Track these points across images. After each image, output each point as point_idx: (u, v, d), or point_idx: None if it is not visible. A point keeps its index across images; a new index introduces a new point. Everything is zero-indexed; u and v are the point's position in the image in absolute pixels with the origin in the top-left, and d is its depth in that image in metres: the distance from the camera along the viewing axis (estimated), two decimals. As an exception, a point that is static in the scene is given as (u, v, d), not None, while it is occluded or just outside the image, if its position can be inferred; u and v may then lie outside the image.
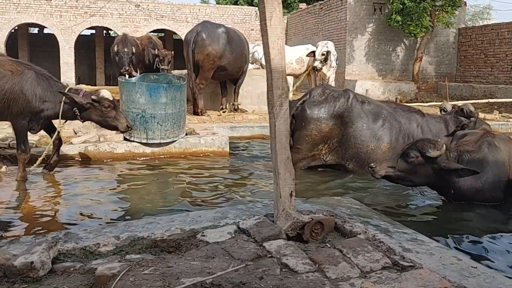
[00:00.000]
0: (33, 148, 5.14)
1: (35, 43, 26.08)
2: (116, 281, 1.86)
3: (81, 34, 22.34)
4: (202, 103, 9.34)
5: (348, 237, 2.53)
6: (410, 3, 16.03)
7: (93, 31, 26.33)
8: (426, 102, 13.62)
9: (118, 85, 6.30)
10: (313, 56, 12.18)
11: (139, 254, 2.25)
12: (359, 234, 2.51)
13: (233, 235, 2.45)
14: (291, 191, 2.57)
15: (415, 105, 7.18)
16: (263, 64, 11.12)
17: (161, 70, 10.92)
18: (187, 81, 7.58)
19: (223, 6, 26.30)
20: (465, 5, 19.28)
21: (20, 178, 4.63)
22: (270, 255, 2.22)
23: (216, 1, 32.35)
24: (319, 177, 5.06)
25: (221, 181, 5.01)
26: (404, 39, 18.23)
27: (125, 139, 6.03)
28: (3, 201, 4.05)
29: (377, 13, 18.02)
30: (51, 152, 4.91)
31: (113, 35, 26.15)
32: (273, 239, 2.39)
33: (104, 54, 24.67)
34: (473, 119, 5.29)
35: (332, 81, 12.73)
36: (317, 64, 12.07)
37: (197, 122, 8.31)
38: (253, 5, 26.42)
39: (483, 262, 2.69)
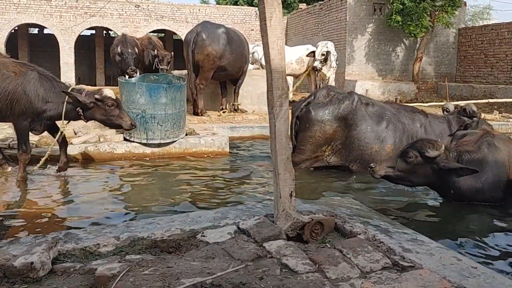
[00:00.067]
0: (33, 148, 5.14)
1: (35, 44, 26.06)
2: (116, 281, 1.86)
3: (81, 34, 22.32)
4: (202, 103, 9.34)
5: (348, 237, 2.53)
6: (410, 3, 16.02)
7: (93, 32, 26.32)
8: (426, 102, 13.60)
9: (118, 85, 6.30)
10: (313, 56, 12.19)
11: (139, 255, 2.26)
12: (359, 234, 2.51)
13: (233, 236, 2.45)
14: (291, 192, 2.57)
15: (415, 105, 7.18)
16: (263, 64, 11.10)
17: (160, 70, 10.92)
18: (187, 81, 7.58)
19: (223, 6, 26.29)
20: (465, 5, 19.28)
21: (20, 178, 4.64)
22: (270, 256, 2.22)
23: (216, 1, 32.35)
24: (319, 178, 5.06)
25: (221, 181, 5.01)
26: (404, 39, 18.22)
27: (125, 139, 6.03)
28: (3, 201, 4.05)
29: (377, 13, 18.01)
30: (52, 152, 4.92)
31: (113, 35, 26.13)
32: (273, 240, 2.39)
33: (104, 54, 24.65)
34: (475, 119, 5.29)
35: (332, 81, 12.73)
36: (317, 64, 12.07)
37: (197, 122, 8.31)
38: (253, 5, 26.42)
39: (483, 262, 2.69)
